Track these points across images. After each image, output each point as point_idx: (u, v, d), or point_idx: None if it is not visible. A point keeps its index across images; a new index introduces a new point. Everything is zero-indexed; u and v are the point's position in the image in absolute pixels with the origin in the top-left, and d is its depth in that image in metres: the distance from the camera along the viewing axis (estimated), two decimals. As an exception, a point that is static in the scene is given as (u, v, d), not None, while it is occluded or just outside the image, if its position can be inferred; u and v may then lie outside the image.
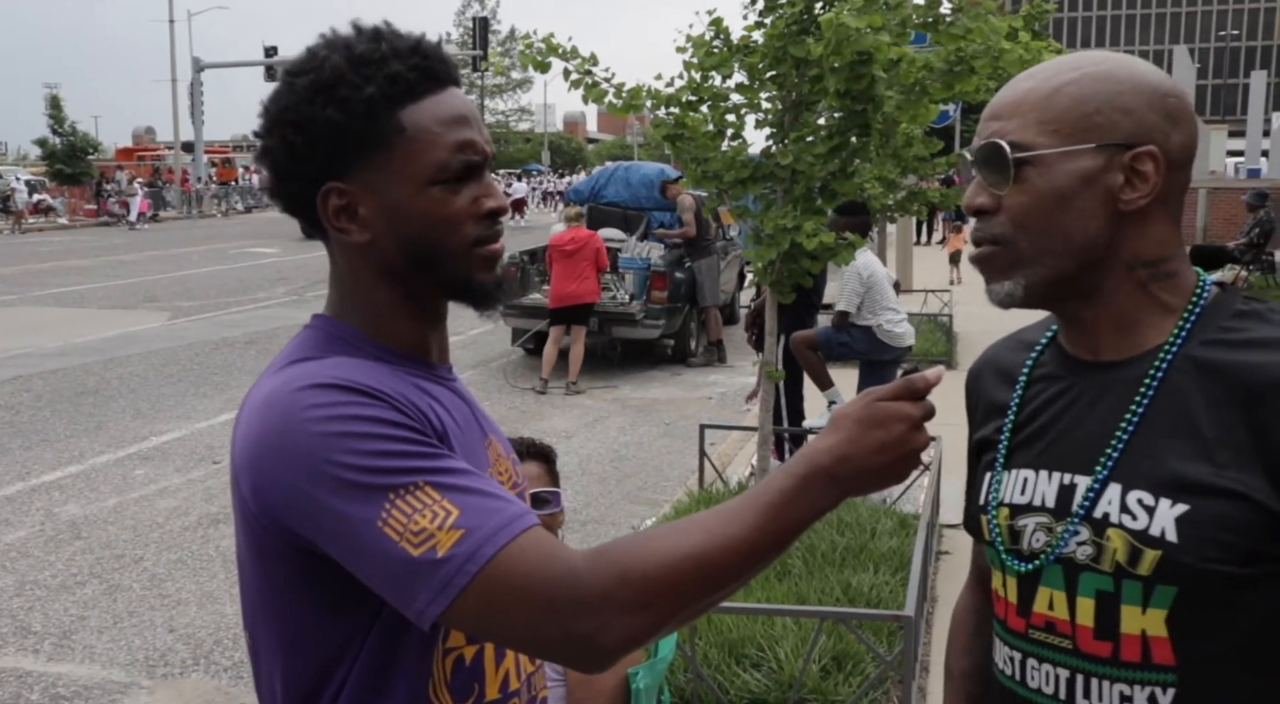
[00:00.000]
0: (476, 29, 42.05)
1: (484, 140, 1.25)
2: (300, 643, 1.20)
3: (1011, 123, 1.21)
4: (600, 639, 1.05)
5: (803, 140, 4.45)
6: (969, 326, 11.74)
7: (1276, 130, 30.74)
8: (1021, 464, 1.29)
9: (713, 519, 1.10)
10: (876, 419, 1.11)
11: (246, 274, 19.33)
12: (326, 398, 1.13)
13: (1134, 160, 1.19)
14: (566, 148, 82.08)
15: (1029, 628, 1.25)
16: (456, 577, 1.05)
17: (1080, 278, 1.22)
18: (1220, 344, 1.19)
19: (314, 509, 1.10)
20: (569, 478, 7.34)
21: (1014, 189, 1.21)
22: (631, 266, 11.20)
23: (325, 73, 1.19)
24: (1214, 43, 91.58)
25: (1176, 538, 1.13)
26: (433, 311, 1.30)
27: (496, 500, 1.11)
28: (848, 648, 3.94)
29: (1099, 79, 1.20)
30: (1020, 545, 1.26)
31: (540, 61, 4.94)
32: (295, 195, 1.25)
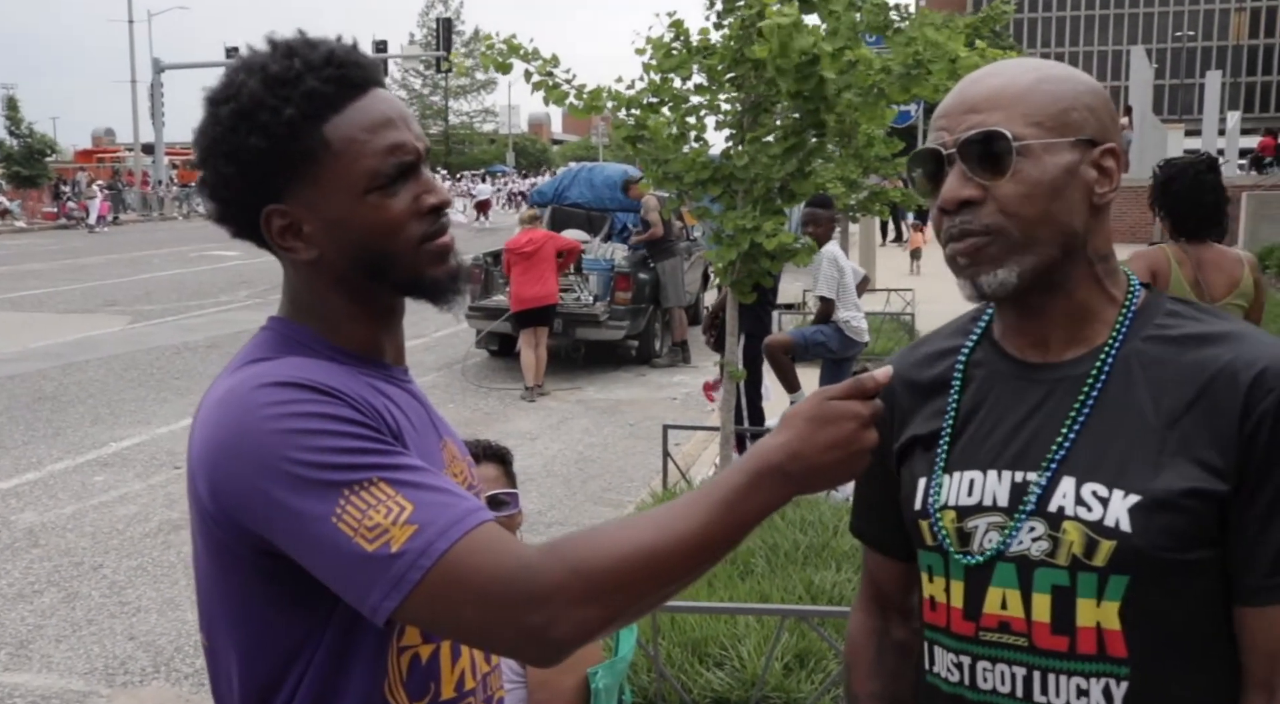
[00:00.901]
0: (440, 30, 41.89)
1: (414, 137, 1.25)
2: (257, 643, 1.21)
3: (995, 115, 1.22)
4: (552, 632, 1.06)
5: (759, 141, 4.48)
6: (931, 325, 11.82)
7: (1231, 129, 31.24)
8: (966, 466, 1.29)
9: (664, 515, 1.11)
10: (827, 417, 1.12)
11: (208, 277, 19.15)
12: (282, 396, 1.14)
13: (1101, 156, 1.25)
14: (531, 149, 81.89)
15: (979, 630, 1.26)
16: (410, 572, 1.06)
17: (1059, 267, 1.24)
18: (1160, 340, 1.24)
19: (269, 506, 1.11)
20: (533, 480, 7.34)
21: (1005, 180, 1.21)
22: (595, 268, 11.20)
23: (244, 99, 1.19)
24: (1170, 43, 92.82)
25: (1130, 527, 1.16)
26: (388, 314, 1.31)
27: (450, 496, 1.12)
28: (810, 645, 3.96)
29: (1064, 79, 1.25)
30: (970, 546, 1.26)
31: (501, 63, 4.94)
32: (240, 221, 1.26)
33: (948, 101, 1.28)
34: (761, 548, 4.91)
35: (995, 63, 1.33)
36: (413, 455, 1.17)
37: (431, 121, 74.66)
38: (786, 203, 4.69)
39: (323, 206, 1.22)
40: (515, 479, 2.56)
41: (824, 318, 6.51)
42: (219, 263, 20.76)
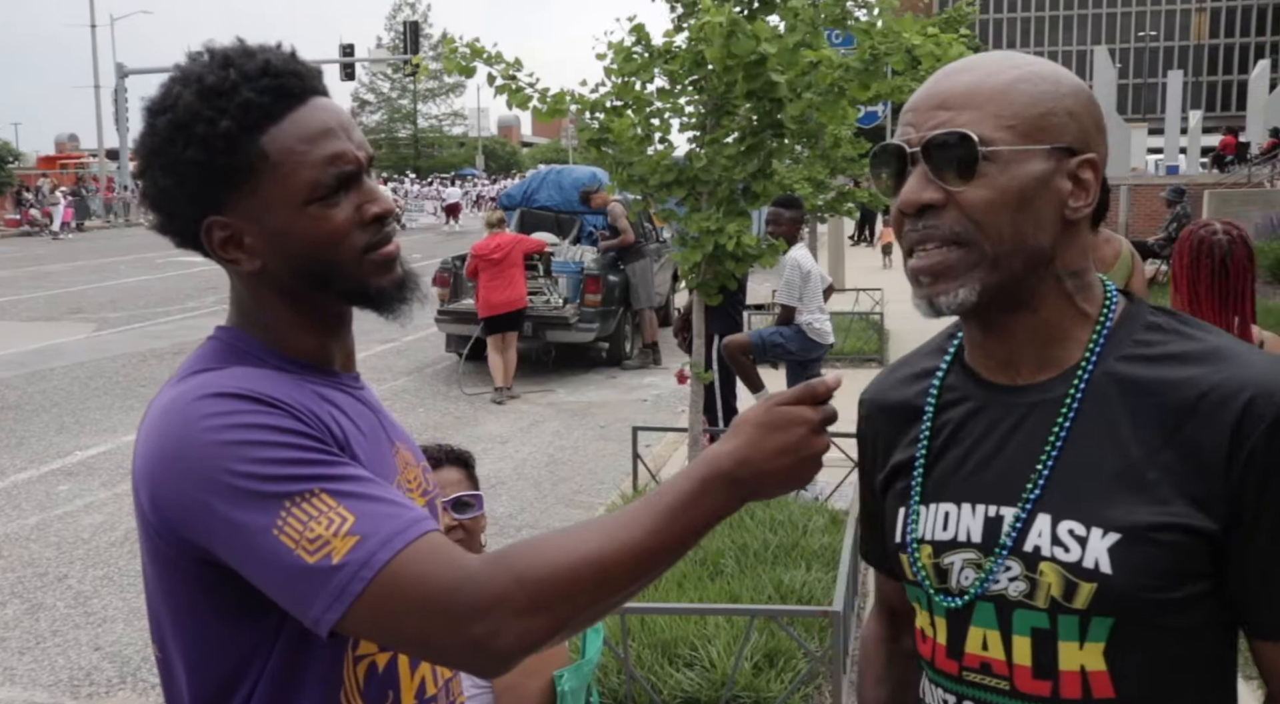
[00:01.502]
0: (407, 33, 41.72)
1: (355, 146, 1.23)
2: (205, 654, 1.20)
3: (965, 114, 1.13)
4: (495, 643, 1.05)
5: (719, 142, 4.49)
6: (900, 324, 11.91)
7: (1193, 128, 31.61)
8: (940, 498, 1.23)
9: (610, 523, 1.10)
10: (777, 423, 1.11)
11: (175, 283, 18.99)
12: (223, 406, 1.13)
13: (1079, 167, 1.15)
14: (501, 152, 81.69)
15: (962, 670, 1.20)
16: (351, 583, 1.05)
17: (1022, 284, 1.16)
18: (1138, 360, 1.15)
19: (210, 518, 1.10)
20: (504, 483, 7.32)
21: (971, 185, 1.12)
22: (565, 270, 11.19)
23: (180, 111, 1.18)
24: (1134, 43, 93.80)
25: (1111, 568, 1.09)
26: (335, 322, 1.31)
27: (393, 506, 1.11)
28: (779, 645, 3.98)
29: (1046, 79, 1.15)
30: (949, 584, 1.21)
31: (465, 66, 4.93)
32: (182, 232, 1.25)
33: (918, 94, 1.19)
34: (731, 548, 4.93)
35: (975, 55, 1.22)
36: (357, 466, 1.16)
37: (400, 125, 74.35)
38: (750, 204, 4.70)
39: (263, 218, 1.21)
40: (478, 482, 2.56)
41: (785, 321, 6.53)
42: (186, 269, 20.58)
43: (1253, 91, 32.44)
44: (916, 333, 8.52)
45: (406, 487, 1.33)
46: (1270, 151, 27.37)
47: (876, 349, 10.88)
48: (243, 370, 1.21)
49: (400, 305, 1.28)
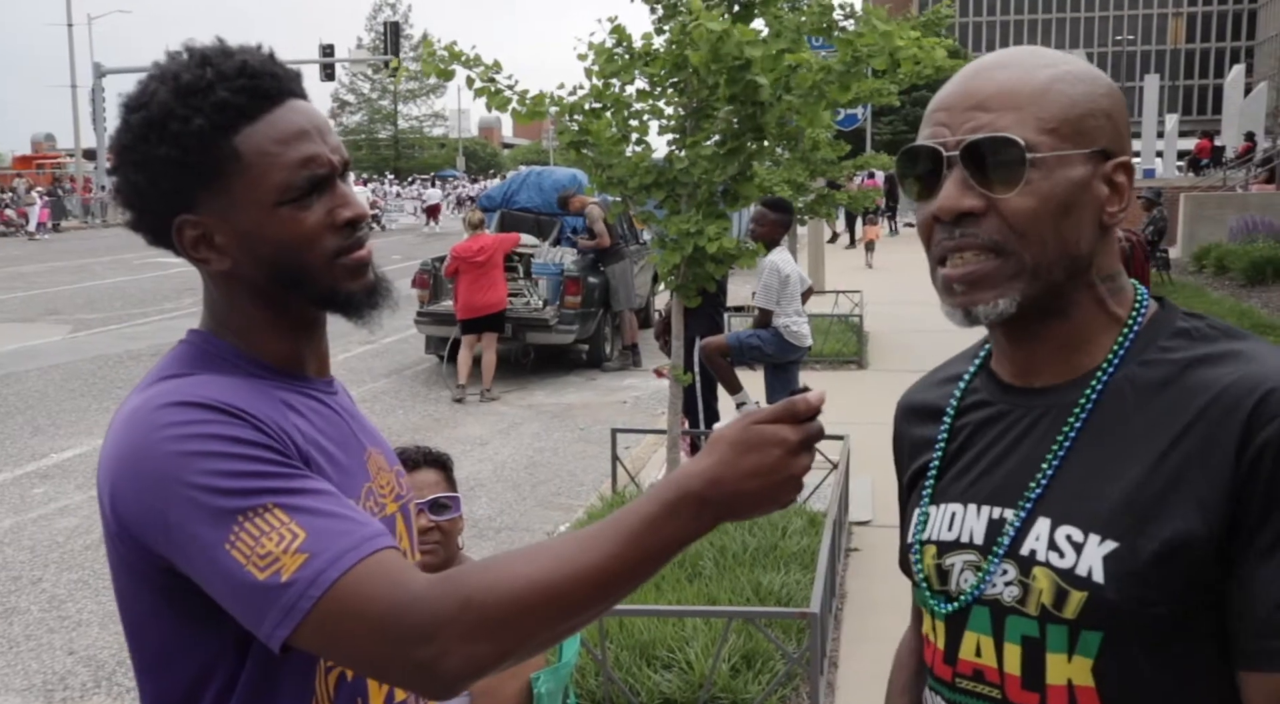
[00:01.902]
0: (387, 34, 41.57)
1: (329, 150, 1.23)
2: (166, 661, 1.20)
3: (1006, 117, 1.08)
4: (441, 666, 1.04)
5: (700, 145, 4.50)
6: (879, 327, 11.95)
7: (1169, 132, 31.85)
8: (950, 498, 1.20)
9: (569, 545, 1.07)
10: (752, 442, 1.06)
11: (153, 284, 18.87)
12: (185, 416, 1.13)
13: (1114, 170, 1.11)
14: (482, 153, 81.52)
15: (956, 676, 1.17)
16: (300, 601, 1.05)
17: (1061, 293, 1.12)
18: (1160, 364, 1.10)
19: (167, 528, 1.10)
20: (483, 485, 7.31)
21: (1014, 192, 1.07)
22: (544, 272, 11.18)
23: (154, 108, 1.18)
24: (1111, 47, 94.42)
25: (1103, 578, 1.04)
26: (307, 325, 1.30)
27: (346, 522, 1.10)
28: (757, 646, 3.99)
29: (1081, 79, 1.11)
30: (949, 586, 1.17)
31: (443, 69, 4.92)
32: (154, 229, 1.25)
33: (948, 92, 1.13)
34: (710, 550, 4.94)
35: (1004, 51, 1.15)
36: (316, 479, 1.15)
37: (380, 126, 74.06)
38: (729, 206, 4.71)
39: (235, 218, 1.21)
40: (456, 484, 2.55)
41: (762, 325, 6.53)
42: (164, 269, 20.45)
43: (1228, 96, 32.72)
44: (896, 335, 8.58)
45: (379, 492, 1.33)
46: (1245, 155, 27.62)
47: (855, 351, 10.91)
48: (209, 378, 1.20)
49: (370, 311, 1.28)
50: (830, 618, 4.41)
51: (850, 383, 9.82)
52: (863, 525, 5.93)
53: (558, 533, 6.13)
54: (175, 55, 1.23)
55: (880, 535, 5.74)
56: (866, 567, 5.37)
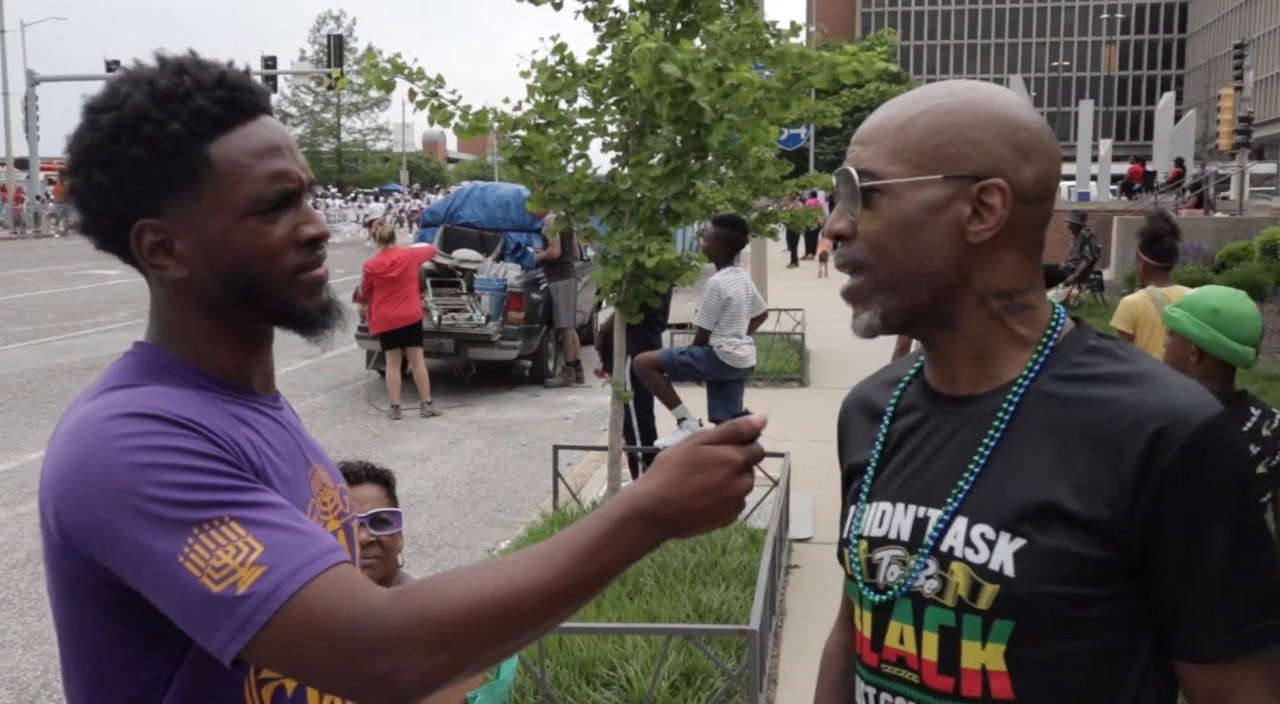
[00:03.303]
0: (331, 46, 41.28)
1: (298, 167, 1.25)
2: (108, 678, 1.18)
3: (868, 151, 1.23)
4: (397, 680, 1.05)
5: (643, 163, 4.52)
6: (820, 345, 12.05)
7: (1103, 156, 32.58)
8: (882, 497, 1.30)
9: (521, 561, 1.10)
10: (698, 463, 1.11)
11: (86, 297, 18.46)
12: (135, 427, 1.11)
13: (981, 192, 1.19)
14: (426, 167, 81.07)
15: (881, 662, 1.26)
16: (256, 614, 1.05)
17: (934, 306, 1.23)
18: (1072, 379, 1.20)
19: (116, 541, 1.08)
20: (424, 502, 7.24)
21: (866, 215, 1.22)
22: (488, 287, 11.13)
23: (128, 110, 1.18)
24: (1048, 73, 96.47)
25: (1014, 572, 1.14)
26: (256, 340, 1.30)
27: (303, 537, 1.10)
28: (697, 664, 3.98)
29: (953, 111, 1.21)
30: (876, 579, 1.27)
31: (385, 81, 4.89)
32: (107, 233, 1.24)
33: (859, 128, 1.30)
34: (650, 567, 4.93)
35: (917, 90, 1.28)
36: (270, 492, 1.15)
37: (324, 138, 73.38)
38: (671, 224, 4.73)
39: (199, 226, 1.21)
40: (397, 499, 2.53)
41: (699, 342, 6.51)
42: (98, 282, 20.06)
43: (1159, 122, 33.55)
44: (838, 352, 8.64)
45: (322, 509, 1.32)
46: (1175, 181, 28.33)
47: (797, 369, 10.98)
48: (159, 389, 1.19)
49: (323, 330, 1.30)
50: (770, 635, 4.42)
51: (791, 400, 9.88)
52: (803, 542, 5.96)
53: (499, 550, 6.08)
54: (143, 64, 1.24)
55: (820, 552, 5.77)
56: (806, 583, 5.40)
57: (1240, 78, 32.62)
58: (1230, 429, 1.15)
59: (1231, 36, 63.44)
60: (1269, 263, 15.13)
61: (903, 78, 47.47)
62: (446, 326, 10.77)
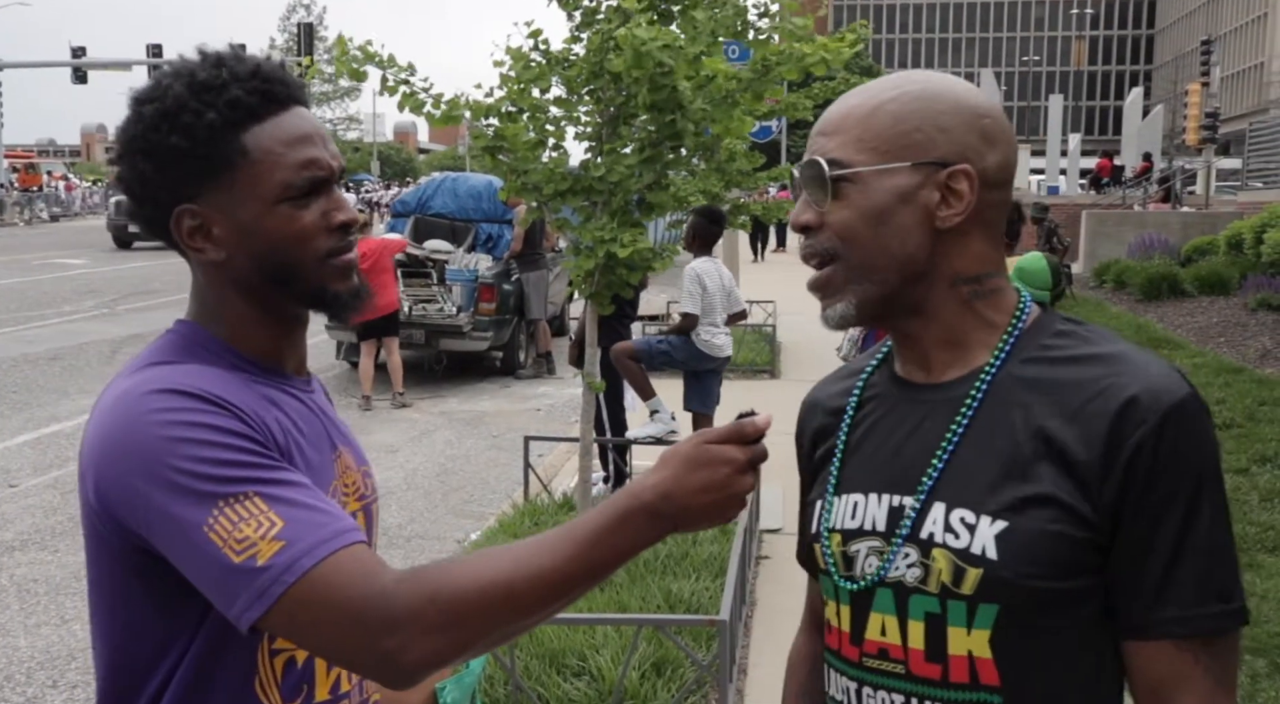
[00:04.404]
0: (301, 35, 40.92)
1: (330, 156, 1.31)
2: (132, 637, 1.25)
3: (834, 140, 1.23)
4: (405, 657, 1.10)
5: (617, 152, 4.51)
6: (791, 337, 12.09)
7: (1072, 150, 32.85)
8: (852, 488, 1.28)
9: (527, 548, 1.14)
10: (702, 460, 1.14)
11: (52, 286, 18.24)
12: (172, 403, 1.18)
13: (949, 178, 1.20)
14: (397, 158, 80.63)
15: (863, 656, 1.25)
16: (273, 586, 1.10)
17: (905, 293, 1.23)
18: (1041, 361, 1.21)
19: (147, 508, 1.15)
20: (394, 493, 7.21)
21: (835, 205, 1.22)
22: (459, 278, 11.09)
23: (169, 101, 1.26)
24: (1018, 67, 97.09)
25: (996, 555, 1.14)
26: (290, 322, 1.37)
27: (323, 516, 1.16)
28: (667, 654, 3.99)
29: (919, 98, 1.22)
30: (854, 571, 1.26)
31: (356, 69, 4.84)
32: (151, 219, 1.31)
33: (820, 119, 1.29)
34: (621, 558, 4.93)
35: (876, 81, 1.29)
36: (295, 472, 1.21)
37: (293, 128, 72.73)
38: (644, 215, 4.72)
39: (235, 211, 1.27)
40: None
41: (681, 331, 6.52)
42: (64, 271, 19.82)
43: (1127, 117, 33.84)
44: (810, 344, 8.66)
45: (343, 491, 1.39)
46: (1143, 175, 28.60)
47: (768, 361, 11.02)
48: (197, 368, 1.25)
49: (352, 312, 1.35)
50: (740, 625, 4.44)
51: (763, 392, 9.91)
52: (773, 533, 5.99)
53: (469, 541, 6.07)
54: (186, 58, 1.32)
55: (790, 543, 5.76)
56: (776, 574, 5.42)
57: (1207, 74, 32.94)
58: (1202, 410, 1.15)
59: (1199, 33, 64.08)
60: (1234, 257, 15.31)
61: (874, 71, 47.62)
62: (417, 318, 10.73)
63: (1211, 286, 14.41)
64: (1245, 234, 14.98)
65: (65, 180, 46.20)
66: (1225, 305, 13.50)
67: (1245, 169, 23.80)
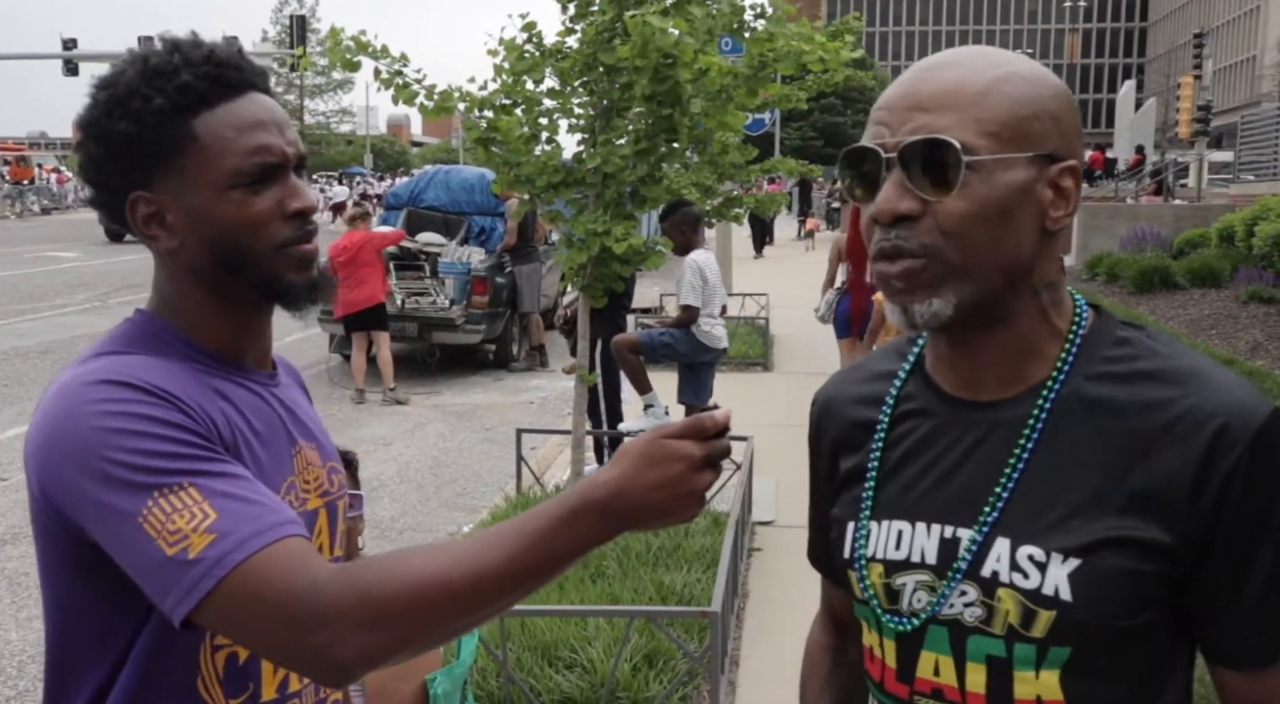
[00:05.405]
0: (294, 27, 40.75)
1: (285, 142, 1.29)
2: (77, 630, 1.24)
3: (945, 118, 1.06)
4: (333, 654, 1.06)
5: (611, 143, 4.51)
6: (785, 330, 12.09)
7: (1066, 144, 32.75)
8: (893, 514, 1.17)
9: (471, 545, 1.10)
10: (656, 457, 1.10)
11: (43, 279, 18.18)
12: (110, 394, 1.16)
13: (1060, 175, 1.08)
14: (390, 151, 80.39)
15: (914, 694, 1.16)
16: (203, 580, 1.08)
17: (1001, 299, 1.10)
18: (1107, 378, 1.10)
19: (84, 500, 1.14)
20: (386, 486, 7.21)
21: (952, 195, 1.05)
22: (452, 271, 11.07)
23: (120, 87, 1.25)
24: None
25: (1071, 596, 1.05)
26: (249, 313, 1.34)
27: (257, 508, 1.13)
28: (659, 646, 4.00)
29: (1028, 80, 1.08)
30: (899, 605, 1.16)
31: (350, 60, 4.84)
32: (108, 204, 1.30)
33: (891, 92, 1.11)
34: (614, 549, 4.94)
35: (952, 50, 1.13)
36: (236, 465, 1.19)
37: (285, 121, 72.55)
38: (637, 207, 4.72)
39: (186, 197, 1.26)
40: (360, 483, 2.52)
41: (683, 324, 6.50)
42: (55, 264, 19.75)
43: (1120, 110, 33.85)
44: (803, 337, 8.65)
45: (303, 487, 1.36)
46: (1135, 168, 28.63)
47: (761, 354, 11.02)
48: (143, 359, 1.24)
49: (308, 305, 1.33)
50: (732, 617, 4.45)
51: (756, 385, 9.92)
52: (765, 525, 6.00)
53: (461, 534, 6.07)
54: (149, 42, 1.33)
55: (782, 535, 5.81)
56: (768, 566, 5.43)
57: (1199, 67, 32.98)
58: None
59: (1191, 26, 64.13)
60: (1226, 249, 15.34)
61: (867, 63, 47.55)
62: (410, 310, 10.71)
63: (1203, 279, 14.43)
64: (1237, 227, 15.00)
65: (57, 173, 46.07)
66: (1217, 298, 13.53)
67: (1237, 162, 23.84)
